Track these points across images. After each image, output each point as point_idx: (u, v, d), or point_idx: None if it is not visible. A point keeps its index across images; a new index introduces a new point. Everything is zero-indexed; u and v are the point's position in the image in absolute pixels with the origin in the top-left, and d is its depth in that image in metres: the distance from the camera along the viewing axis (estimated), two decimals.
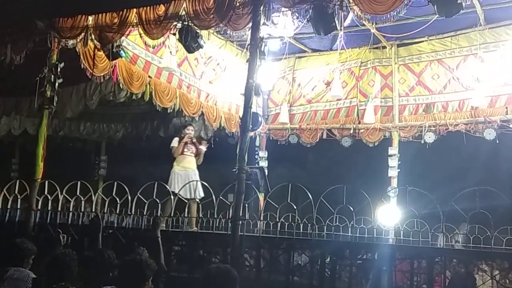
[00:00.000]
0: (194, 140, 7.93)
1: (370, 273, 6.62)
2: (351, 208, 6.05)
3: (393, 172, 9.24)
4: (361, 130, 9.72)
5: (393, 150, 9.38)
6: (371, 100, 9.53)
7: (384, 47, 9.50)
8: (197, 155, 7.87)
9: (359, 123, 9.72)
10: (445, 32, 8.87)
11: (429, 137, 9.09)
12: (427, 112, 9.29)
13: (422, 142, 9.17)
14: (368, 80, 9.79)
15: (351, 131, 9.76)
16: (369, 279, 6.75)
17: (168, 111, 9.14)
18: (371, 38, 8.77)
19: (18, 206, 7.29)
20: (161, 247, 4.66)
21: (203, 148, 7.92)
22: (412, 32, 8.27)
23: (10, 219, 7.14)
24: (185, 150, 7.75)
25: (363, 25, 7.97)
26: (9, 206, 7.25)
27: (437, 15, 6.12)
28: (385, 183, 9.17)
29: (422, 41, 9.17)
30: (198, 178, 7.55)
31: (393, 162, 9.29)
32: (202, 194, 7.27)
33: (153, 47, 7.66)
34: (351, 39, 8.80)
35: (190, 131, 7.90)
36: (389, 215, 6.83)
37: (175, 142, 7.83)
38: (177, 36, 6.59)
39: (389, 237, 6.48)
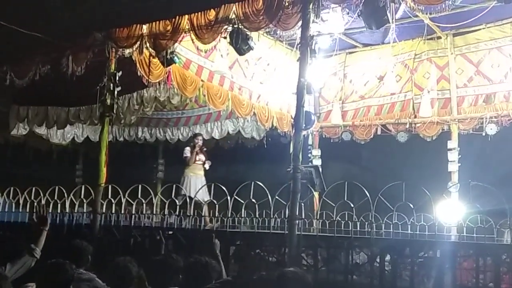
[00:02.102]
0: (204, 149, 8.90)
1: (432, 272, 6.43)
2: (411, 205, 5.91)
3: (453, 167, 8.91)
4: (418, 124, 9.44)
5: (453, 143, 9.06)
6: (427, 93, 9.24)
7: (439, 38, 9.17)
8: (204, 163, 8.73)
9: (415, 117, 9.44)
10: (504, 19, 8.45)
11: (491, 129, 8.70)
12: (487, 103, 8.89)
13: (483, 134, 8.81)
14: (423, 73, 9.48)
15: (407, 126, 9.51)
16: (431, 277, 6.55)
17: (221, 114, 9.30)
18: (425, 29, 8.51)
19: (84, 210, 7.67)
20: (222, 263, 4.54)
21: (207, 166, 8.77)
22: (468, 21, 7.94)
23: (77, 222, 7.52)
24: (197, 158, 8.70)
25: (416, 16, 7.74)
26: (75, 210, 7.65)
27: (495, 1, 5.85)
28: (445, 178, 8.87)
29: (480, 29, 8.78)
30: (205, 184, 8.27)
31: (453, 156, 8.97)
32: (208, 198, 7.50)
33: (205, 52, 7.82)
34: (404, 31, 8.56)
35: (199, 140, 8.88)
36: (450, 211, 6.61)
37: (187, 152, 8.75)
38: (228, 39, 6.69)
39: (451, 234, 6.27)
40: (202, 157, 8.76)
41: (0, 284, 2.65)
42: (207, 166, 8.77)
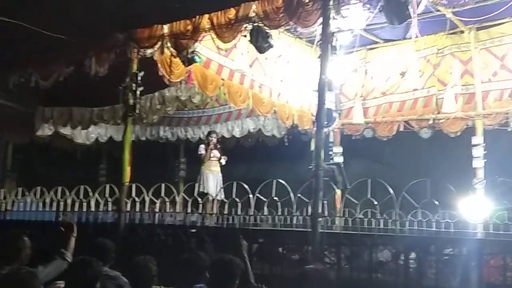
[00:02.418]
0: (218, 146, 9.06)
1: (458, 270, 6.33)
2: (436, 202, 5.83)
3: (478, 163, 8.74)
4: (441, 120, 9.29)
5: (478, 139, 8.88)
6: (450, 88, 9.08)
7: (462, 32, 9.00)
8: (220, 159, 8.92)
9: (439, 113, 9.28)
10: None
11: None
12: None
13: (509, 129, 8.62)
14: (446, 68, 9.32)
15: (430, 122, 9.36)
16: (457, 275, 6.45)
17: (242, 112, 9.32)
18: (448, 23, 8.36)
19: (109, 209, 7.79)
20: (249, 266, 4.47)
21: (223, 161, 8.99)
22: (492, 14, 7.76)
23: (102, 221, 7.64)
24: (211, 155, 8.91)
25: (438, 10, 7.62)
26: (100, 209, 7.77)
27: None
28: (469, 174, 8.72)
29: (504, 23, 8.58)
30: (221, 180, 8.65)
31: (478, 152, 8.79)
32: (222, 196, 7.58)
33: (225, 50, 7.85)
34: (426, 26, 8.42)
35: (213, 138, 9.06)
36: (476, 208, 6.49)
37: (202, 149, 9.00)
38: (248, 37, 6.70)
39: (478, 231, 6.17)
40: (216, 153, 8.97)
41: (31, 283, 2.69)
42: (223, 161, 8.96)
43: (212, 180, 8.72)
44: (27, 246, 3.96)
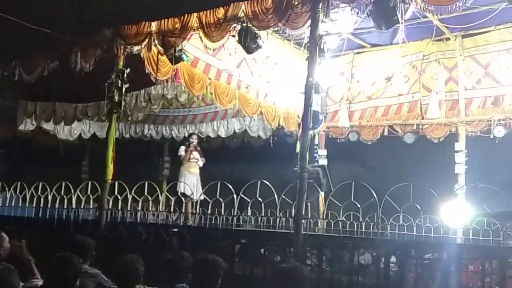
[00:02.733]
0: (198, 148, 9.26)
1: (437, 274, 6.40)
2: (418, 206, 5.88)
3: (460, 169, 8.87)
4: (425, 126, 9.40)
5: (460, 145, 9.01)
6: (435, 94, 9.19)
7: (448, 39, 9.13)
8: (198, 161, 9.13)
9: (423, 118, 9.38)
10: None
11: (499, 131, 8.65)
12: (496, 105, 8.83)
13: (491, 136, 8.75)
14: (432, 74, 9.43)
15: (414, 127, 9.47)
16: (436, 279, 6.52)
17: (228, 112, 9.29)
18: (434, 30, 8.46)
19: (90, 206, 7.70)
20: None
21: (200, 163, 9.20)
22: (478, 22, 7.90)
23: (83, 218, 7.55)
24: (191, 157, 9.07)
25: (425, 17, 7.71)
26: (82, 206, 7.68)
27: (505, 3, 5.82)
28: (451, 180, 8.82)
29: (489, 31, 8.72)
30: (200, 182, 8.91)
31: (460, 158, 8.92)
32: (200, 197, 7.51)
33: (213, 50, 7.82)
34: (412, 32, 8.52)
35: (194, 140, 9.28)
36: (456, 213, 6.57)
37: (182, 150, 9.20)
38: (236, 37, 6.69)
39: (458, 236, 6.24)
40: (196, 155, 9.15)
41: (9, 278, 2.65)
42: (201, 163, 9.13)
43: (190, 181, 8.77)
44: (5, 242, 3.89)
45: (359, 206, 6.08)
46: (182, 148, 9.27)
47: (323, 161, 10.15)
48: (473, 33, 8.91)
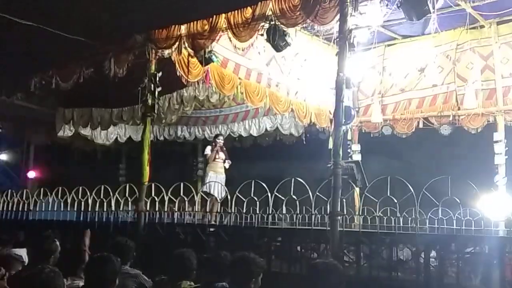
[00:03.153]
0: (224, 149, 9.21)
1: (479, 268, 6.24)
2: (457, 200, 5.75)
3: (500, 159, 8.58)
4: (462, 117, 9.15)
5: (499, 135, 8.73)
6: (471, 84, 8.94)
7: (482, 27, 8.84)
8: (225, 161, 9.06)
9: (459, 109, 9.13)
10: None
11: None
12: None
13: None
14: (466, 63, 9.16)
15: (450, 118, 9.23)
16: (478, 273, 6.36)
17: (259, 111, 9.31)
18: (467, 18, 8.22)
19: (129, 208, 7.88)
20: None
21: (226, 165, 9.10)
22: None
23: (122, 220, 7.74)
24: (217, 157, 9.02)
25: (458, 5, 7.51)
26: (120, 209, 7.87)
27: None
28: (491, 171, 8.57)
29: None
30: (224, 182, 8.83)
31: (500, 148, 8.63)
32: (223, 196, 7.96)
33: (242, 49, 7.84)
34: (445, 21, 8.29)
35: (220, 140, 9.20)
36: (498, 206, 6.39)
37: (208, 150, 9.18)
38: (265, 36, 6.70)
39: (499, 229, 6.07)
40: (222, 155, 9.12)
41: (55, 282, 2.72)
42: (227, 165, 9.09)
43: (215, 181, 8.77)
44: (57, 251, 4.06)
45: (395, 201, 5.99)
46: (208, 147, 9.29)
47: (357, 157, 10.03)
48: (508, 20, 8.60)
